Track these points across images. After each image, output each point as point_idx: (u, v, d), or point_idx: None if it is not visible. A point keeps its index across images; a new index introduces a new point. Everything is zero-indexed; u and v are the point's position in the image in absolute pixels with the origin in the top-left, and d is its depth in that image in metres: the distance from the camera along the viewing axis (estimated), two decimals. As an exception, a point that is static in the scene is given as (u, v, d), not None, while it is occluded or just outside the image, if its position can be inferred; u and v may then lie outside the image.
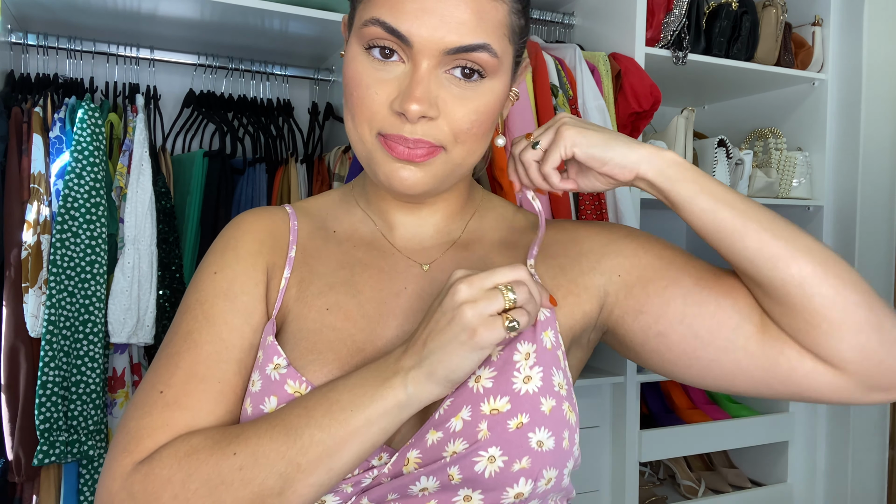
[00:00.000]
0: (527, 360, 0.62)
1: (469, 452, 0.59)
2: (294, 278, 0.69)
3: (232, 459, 0.56)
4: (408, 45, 0.60)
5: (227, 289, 0.66)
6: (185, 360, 0.63)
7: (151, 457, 0.58)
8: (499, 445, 0.59)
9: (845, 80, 2.04)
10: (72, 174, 1.34)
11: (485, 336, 0.55)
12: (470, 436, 0.59)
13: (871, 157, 2.02)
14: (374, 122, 0.63)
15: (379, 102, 0.62)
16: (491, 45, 0.62)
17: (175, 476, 0.56)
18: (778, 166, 2.08)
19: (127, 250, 1.39)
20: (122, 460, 0.59)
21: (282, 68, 1.83)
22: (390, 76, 0.62)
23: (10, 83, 1.53)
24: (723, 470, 2.17)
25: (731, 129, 2.34)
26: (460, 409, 0.60)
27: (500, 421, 0.59)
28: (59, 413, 1.31)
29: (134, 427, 0.60)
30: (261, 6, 1.47)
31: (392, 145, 0.62)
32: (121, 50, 1.64)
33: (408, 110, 0.60)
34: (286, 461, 0.56)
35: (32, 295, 1.33)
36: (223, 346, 0.64)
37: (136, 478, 0.57)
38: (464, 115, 0.63)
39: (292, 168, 1.68)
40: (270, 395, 0.62)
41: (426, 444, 0.60)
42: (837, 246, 2.05)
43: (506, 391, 0.61)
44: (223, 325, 0.65)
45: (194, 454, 0.57)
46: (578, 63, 1.69)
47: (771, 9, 1.97)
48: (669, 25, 1.82)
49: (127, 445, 0.60)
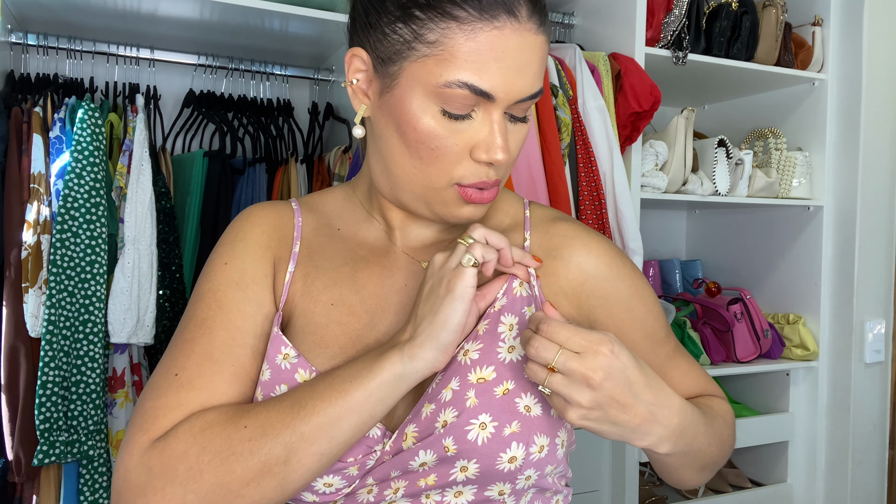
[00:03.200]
0: (510, 332, 0.66)
1: (461, 421, 0.62)
2: (299, 273, 0.72)
3: (242, 432, 0.59)
4: (490, 100, 0.62)
5: (239, 279, 0.69)
6: (200, 345, 0.65)
7: (168, 433, 0.61)
8: (488, 412, 0.62)
9: (845, 80, 2.04)
10: (72, 174, 1.34)
11: (457, 283, 0.61)
12: (459, 404, 0.62)
13: (871, 157, 2.02)
14: (454, 172, 0.64)
15: (457, 153, 0.64)
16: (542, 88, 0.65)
17: (190, 450, 0.59)
18: (778, 166, 2.08)
19: (127, 250, 1.39)
20: (139, 438, 0.61)
21: (282, 68, 1.83)
22: (468, 129, 0.63)
23: (10, 83, 1.53)
24: (723, 470, 2.17)
25: (731, 129, 2.34)
26: (450, 381, 0.64)
27: (486, 389, 0.63)
28: (59, 413, 1.31)
29: (150, 407, 0.63)
30: (261, 6, 1.47)
31: (469, 193, 0.65)
32: (121, 50, 1.64)
33: (496, 160, 0.63)
34: (290, 430, 0.59)
35: (32, 295, 1.33)
36: (237, 332, 0.66)
37: (153, 453, 0.60)
38: (516, 147, 0.67)
39: (292, 168, 1.68)
40: (281, 384, 0.65)
41: (421, 417, 0.63)
42: (837, 246, 2.05)
43: (491, 361, 0.64)
44: (236, 312, 0.67)
45: (208, 428, 0.60)
46: (578, 63, 1.69)
47: (771, 9, 1.97)
48: (669, 25, 1.82)
49: (143, 424, 0.62)
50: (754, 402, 2.23)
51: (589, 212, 1.63)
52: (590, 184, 1.64)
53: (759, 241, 2.27)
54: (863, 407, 2.04)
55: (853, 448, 2.02)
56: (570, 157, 1.65)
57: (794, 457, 2.13)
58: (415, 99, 0.63)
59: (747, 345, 2.03)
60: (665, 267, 2.37)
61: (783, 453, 2.14)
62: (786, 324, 2.13)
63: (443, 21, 0.60)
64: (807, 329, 2.09)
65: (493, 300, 0.68)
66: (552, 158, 1.58)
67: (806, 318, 2.12)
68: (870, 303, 2.04)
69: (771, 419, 2.11)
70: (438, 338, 0.61)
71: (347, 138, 1.69)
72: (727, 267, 2.39)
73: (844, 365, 2.04)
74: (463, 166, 0.64)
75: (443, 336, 0.61)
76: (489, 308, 0.68)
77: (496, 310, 0.67)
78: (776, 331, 2.10)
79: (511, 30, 0.60)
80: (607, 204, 1.66)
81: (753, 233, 2.30)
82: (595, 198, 1.64)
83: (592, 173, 1.65)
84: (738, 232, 2.36)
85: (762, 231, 2.26)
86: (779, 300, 2.21)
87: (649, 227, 2.41)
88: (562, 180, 1.58)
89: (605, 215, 1.64)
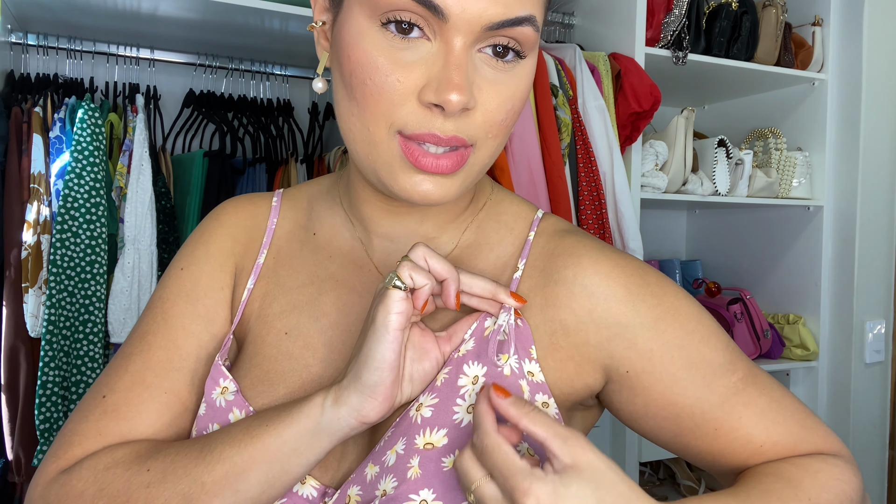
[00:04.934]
0: (474, 385, 0.53)
1: (399, 494, 0.49)
2: (258, 290, 0.62)
3: (143, 476, 0.52)
4: (441, 18, 0.47)
5: (191, 289, 0.61)
6: (135, 364, 0.58)
7: (73, 467, 0.54)
8: (430, 487, 0.50)
9: (845, 80, 2.04)
10: (72, 174, 1.34)
11: (379, 309, 0.50)
12: (400, 473, 0.50)
13: (871, 157, 2.02)
14: (396, 117, 0.50)
15: (402, 93, 0.49)
16: (536, 18, 0.50)
17: (88, 490, 0.52)
18: (778, 166, 2.08)
19: (127, 250, 1.39)
20: (48, 466, 0.56)
21: (282, 68, 1.83)
22: (414, 58, 0.49)
23: (10, 83, 1.53)
24: (723, 470, 2.17)
25: (731, 129, 2.34)
26: (397, 441, 0.52)
27: (433, 457, 0.50)
28: (59, 413, 1.31)
29: (69, 431, 0.57)
30: (261, 6, 1.47)
31: (417, 156, 0.50)
32: (121, 50, 1.64)
33: (447, 101, 0.48)
34: (191, 479, 0.51)
35: (32, 295, 1.33)
36: (176, 354, 0.59)
37: (54, 487, 0.54)
38: (499, 105, 0.51)
39: (292, 168, 1.68)
40: (214, 423, 0.57)
41: (366, 479, 0.52)
42: (837, 246, 2.05)
43: (445, 422, 0.52)
44: (180, 329, 0.59)
45: (113, 468, 0.53)
46: (578, 63, 1.69)
47: (771, 9, 1.97)
48: (669, 25, 1.82)
49: (57, 451, 0.56)
50: (754, 402, 2.23)
51: (589, 212, 1.63)
52: (590, 184, 1.64)
53: (759, 241, 2.27)
54: (863, 407, 2.04)
55: (853, 448, 2.02)
56: (570, 157, 1.65)
57: (794, 457, 2.13)
58: (353, 21, 0.50)
59: (747, 345, 2.03)
60: (665, 267, 2.37)
61: (783, 453, 2.14)
62: (786, 324, 2.13)
63: None
64: (807, 329, 2.09)
65: (460, 343, 0.55)
66: (552, 158, 1.58)
67: (806, 318, 2.12)
68: (870, 303, 2.04)
69: (771, 419, 2.11)
70: (360, 378, 0.50)
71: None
72: (727, 267, 2.40)
73: (844, 365, 2.04)
74: (406, 109, 0.49)
75: (365, 376, 0.50)
76: (454, 353, 0.55)
77: (460, 355, 0.54)
78: (776, 331, 2.10)
79: None
80: (607, 204, 1.66)
81: (753, 233, 2.30)
82: (595, 198, 1.64)
83: (592, 173, 1.65)
84: (738, 232, 2.36)
85: (762, 231, 2.27)
86: (779, 300, 2.21)
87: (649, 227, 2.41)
88: (562, 180, 1.58)
89: (605, 215, 1.64)
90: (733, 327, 2.01)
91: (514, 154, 1.51)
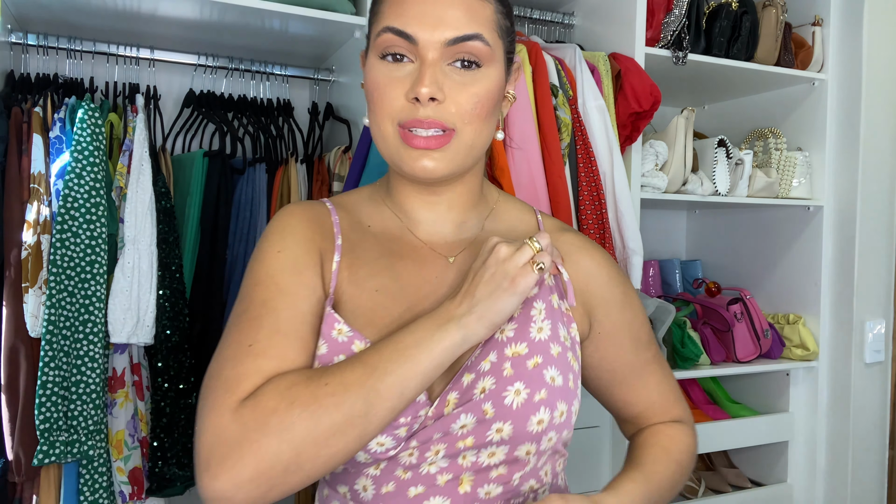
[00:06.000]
0: (539, 315, 0.78)
1: (498, 388, 0.73)
2: (344, 263, 0.80)
3: (325, 388, 0.67)
4: (414, 43, 0.73)
5: (293, 265, 0.76)
6: (267, 321, 0.72)
7: (255, 393, 0.67)
8: (522, 380, 0.73)
9: (845, 80, 2.04)
10: (72, 174, 1.34)
11: (521, 283, 0.70)
12: (497, 374, 0.73)
13: (871, 157, 2.02)
14: (394, 113, 0.74)
15: (395, 97, 0.74)
16: (483, 35, 0.74)
17: (279, 405, 0.65)
18: (778, 166, 2.08)
19: (127, 250, 1.39)
20: (227, 399, 0.67)
21: (282, 68, 1.83)
22: (403, 74, 0.74)
23: (10, 83, 1.53)
24: (723, 470, 2.17)
25: (731, 129, 2.34)
26: (488, 355, 0.75)
27: (520, 362, 0.74)
28: (59, 413, 1.31)
29: (230, 375, 0.69)
30: (261, 6, 1.47)
31: (411, 138, 0.74)
32: (121, 50, 1.64)
33: (419, 93, 0.72)
34: (367, 388, 0.67)
35: (32, 295, 1.33)
36: (298, 311, 0.74)
37: (245, 411, 0.66)
38: (467, 99, 0.74)
39: (292, 168, 1.68)
40: (339, 355, 0.73)
41: (462, 385, 0.74)
42: (837, 246, 2.05)
43: (524, 339, 0.76)
44: (295, 294, 0.74)
45: (293, 387, 0.67)
46: (578, 63, 1.69)
47: (771, 9, 1.97)
48: (669, 25, 1.82)
49: (228, 388, 0.68)
50: (754, 403, 2.23)
51: (589, 212, 1.63)
52: (590, 184, 1.64)
53: (759, 241, 2.27)
54: (863, 407, 2.04)
55: (853, 448, 2.02)
56: (570, 157, 1.65)
57: (793, 457, 2.13)
58: (368, 62, 0.78)
59: (747, 345, 2.03)
60: (665, 267, 2.37)
61: (783, 453, 2.14)
62: (786, 324, 2.13)
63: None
64: (807, 329, 2.09)
65: None
66: (552, 158, 1.58)
67: (806, 318, 2.12)
68: (870, 303, 2.04)
69: (771, 419, 2.11)
70: (493, 320, 0.70)
71: (347, 138, 1.69)
72: (727, 267, 2.40)
73: (844, 365, 2.04)
74: (398, 105, 0.74)
75: (497, 320, 0.70)
76: None
77: (530, 297, 0.78)
78: (776, 331, 2.10)
79: None
80: (607, 204, 1.66)
81: (753, 233, 2.30)
82: (595, 198, 1.64)
83: (592, 173, 1.65)
84: (739, 232, 2.36)
85: (762, 231, 2.27)
86: (779, 300, 2.21)
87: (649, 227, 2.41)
88: (562, 180, 1.58)
89: (605, 215, 1.64)
90: (733, 327, 2.01)
91: (514, 154, 1.51)
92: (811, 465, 2.10)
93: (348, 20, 1.55)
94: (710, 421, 2.08)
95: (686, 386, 2.25)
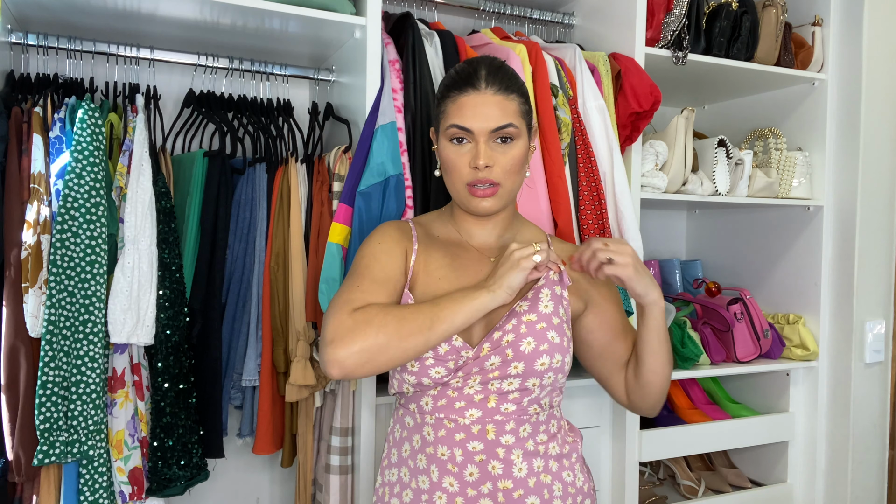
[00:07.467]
0: (546, 297, 1.16)
1: (516, 340, 1.11)
2: (420, 258, 1.20)
3: (404, 311, 1.07)
4: (470, 132, 1.14)
5: (388, 251, 1.18)
6: (368, 277, 1.13)
7: (361, 308, 1.07)
8: (532, 337, 1.11)
9: (845, 80, 2.04)
10: (72, 174, 1.34)
11: (523, 263, 1.08)
12: (516, 332, 1.12)
13: (871, 157, 2.02)
14: (463, 178, 1.15)
15: (462, 166, 1.15)
16: (513, 122, 1.14)
17: (374, 318, 1.05)
18: (778, 166, 2.08)
19: (127, 250, 1.39)
20: (345, 308, 1.07)
21: (282, 68, 1.83)
22: (465, 151, 1.15)
23: (10, 83, 1.53)
24: (723, 470, 2.17)
25: (731, 129, 2.34)
26: (511, 320, 1.13)
27: (532, 325, 1.12)
28: (59, 413, 1.31)
29: (347, 298, 1.09)
30: (261, 6, 1.47)
31: (475, 191, 1.15)
32: (121, 50, 1.64)
33: (479, 165, 1.12)
34: (432, 313, 1.06)
35: (32, 295, 1.33)
36: (388, 275, 1.15)
37: (357, 315, 1.06)
38: (506, 161, 1.14)
39: (292, 168, 1.68)
40: None
41: (493, 338, 1.12)
42: (837, 246, 2.05)
43: (535, 311, 1.14)
44: (386, 264, 1.16)
45: (384, 309, 1.07)
46: (578, 63, 1.69)
47: (771, 9, 1.97)
48: (669, 25, 1.82)
49: (346, 302, 1.08)
50: (754, 403, 2.23)
51: (589, 212, 1.63)
52: (590, 184, 1.64)
53: (759, 241, 2.27)
54: (863, 407, 2.05)
55: (853, 448, 2.02)
56: (570, 157, 1.65)
57: (793, 457, 2.13)
58: (440, 142, 1.19)
59: (747, 345, 2.03)
60: (665, 267, 2.37)
61: (783, 453, 2.14)
62: (786, 324, 2.13)
63: (445, 100, 1.17)
64: (807, 329, 2.09)
65: (538, 279, 1.17)
66: (552, 158, 1.58)
67: (806, 318, 2.12)
68: (870, 303, 2.04)
69: (771, 419, 2.11)
70: (511, 286, 1.08)
71: (347, 138, 1.69)
72: (727, 267, 2.40)
73: (844, 365, 2.04)
74: (466, 173, 1.15)
75: (513, 285, 1.08)
76: (535, 284, 1.17)
77: (538, 285, 1.17)
78: (776, 331, 2.10)
79: (474, 94, 1.14)
80: (607, 204, 1.66)
81: (753, 233, 2.30)
82: (595, 198, 1.64)
83: (592, 173, 1.65)
84: (738, 232, 2.36)
85: (762, 231, 2.27)
86: (779, 300, 2.21)
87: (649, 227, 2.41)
88: (562, 180, 1.58)
89: (605, 215, 1.64)
90: (733, 327, 2.02)
91: (514, 154, 1.51)
92: (811, 465, 2.10)
93: (348, 20, 1.55)
94: (711, 421, 2.08)
95: (686, 386, 2.25)
